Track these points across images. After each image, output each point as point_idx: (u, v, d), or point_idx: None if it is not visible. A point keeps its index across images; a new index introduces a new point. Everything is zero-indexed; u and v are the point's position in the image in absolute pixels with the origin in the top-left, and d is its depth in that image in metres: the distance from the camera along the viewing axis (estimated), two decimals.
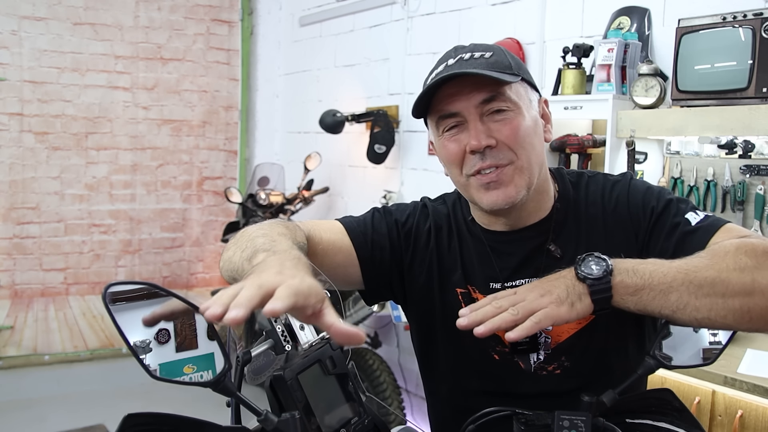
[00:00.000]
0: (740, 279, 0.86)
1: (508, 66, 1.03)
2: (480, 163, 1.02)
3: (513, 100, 1.03)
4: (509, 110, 1.02)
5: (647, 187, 1.10)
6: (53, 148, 4.05)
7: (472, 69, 1.01)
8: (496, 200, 1.03)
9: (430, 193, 1.26)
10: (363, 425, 0.94)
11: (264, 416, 0.81)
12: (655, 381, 1.72)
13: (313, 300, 0.72)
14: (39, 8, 3.94)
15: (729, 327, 0.89)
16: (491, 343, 1.10)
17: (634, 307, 0.88)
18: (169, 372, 0.83)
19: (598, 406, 0.87)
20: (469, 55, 1.04)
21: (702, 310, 0.86)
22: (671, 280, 0.87)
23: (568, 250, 1.08)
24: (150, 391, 1.99)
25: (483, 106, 1.02)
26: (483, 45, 1.07)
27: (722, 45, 1.91)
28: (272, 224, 0.99)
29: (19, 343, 4.06)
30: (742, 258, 0.88)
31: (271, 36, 4.57)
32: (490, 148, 1.01)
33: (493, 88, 1.01)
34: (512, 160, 1.02)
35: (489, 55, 1.04)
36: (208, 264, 4.56)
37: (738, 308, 0.86)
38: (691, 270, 0.88)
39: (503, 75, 1.01)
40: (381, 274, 1.15)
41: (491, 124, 1.02)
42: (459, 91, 1.02)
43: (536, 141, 1.05)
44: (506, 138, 1.02)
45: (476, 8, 3.03)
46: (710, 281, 0.86)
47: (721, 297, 0.86)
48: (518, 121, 1.03)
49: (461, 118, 1.03)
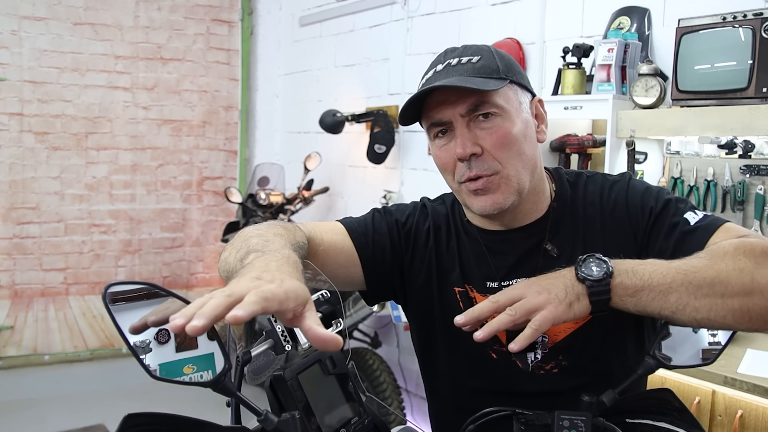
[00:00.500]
0: (739, 279, 0.86)
1: (495, 70, 1.03)
2: (468, 172, 1.03)
3: (500, 105, 1.03)
4: (496, 115, 1.02)
5: (646, 187, 1.10)
6: (53, 148, 4.05)
7: (456, 77, 1.01)
8: (485, 206, 1.04)
9: (430, 193, 1.26)
10: (363, 425, 0.94)
11: (264, 416, 0.81)
12: (655, 381, 1.72)
13: (291, 304, 0.71)
14: (39, 8, 3.94)
15: (729, 327, 0.89)
16: (489, 343, 1.10)
17: (633, 308, 0.88)
18: (169, 372, 0.83)
19: (598, 406, 0.87)
20: (456, 61, 1.04)
21: (701, 310, 0.86)
22: (670, 281, 0.87)
23: (565, 250, 1.08)
24: (150, 391, 1.99)
25: (469, 113, 1.02)
26: (473, 47, 1.07)
27: (722, 45, 1.91)
28: (270, 225, 0.99)
29: (19, 343, 4.06)
30: (740, 258, 0.88)
31: (271, 36, 4.57)
32: (475, 156, 1.02)
33: (479, 96, 1.01)
34: (497, 170, 1.02)
35: (476, 59, 1.03)
36: (208, 264, 4.56)
37: (737, 308, 0.86)
38: (690, 271, 0.88)
39: (488, 82, 1.00)
40: (382, 274, 1.15)
41: (478, 131, 1.02)
42: (446, 99, 1.02)
43: (526, 146, 1.05)
44: (492, 146, 1.02)
45: (476, 8, 3.03)
46: (709, 282, 0.86)
47: (721, 297, 0.86)
48: (505, 127, 1.02)
49: (450, 125, 1.04)
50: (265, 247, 0.87)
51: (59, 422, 3.50)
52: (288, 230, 0.99)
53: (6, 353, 4.01)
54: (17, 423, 3.58)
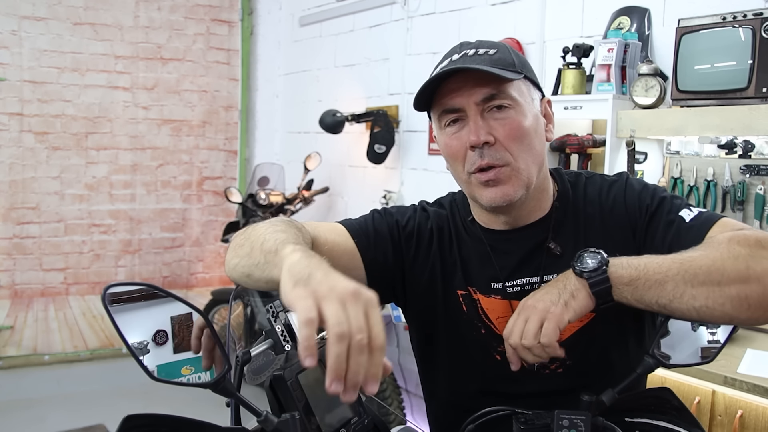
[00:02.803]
0: (735, 266, 0.87)
1: (511, 63, 1.04)
2: (479, 160, 1.02)
3: (514, 98, 1.03)
4: (510, 108, 1.03)
5: (643, 185, 1.10)
6: (53, 148, 4.06)
7: (475, 65, 1.01)
8: (495, 197, 1.03)
9: (430, 193, 1.26)
10: (363, 425, 0.94)
11: (264, 416, 0.81)
12: (655, 380, 1.72)
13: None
14: (39, 8, 3.94)
15: (728, 316, 0.88)
16: (493, 344, 1.10)
17: (631, 298, 0.89)
18: (167, 373, 0.83)
19: (597, 405, 0.87)
20: (473, 51, 1.04)
21: (699, 298, 0.87)
22: (666, 269, 0.88)
23: (568, 248, 1.08)
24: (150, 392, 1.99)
25: (484, 102, 1.02)
26: (488, 42, 1.08)
27: (722, 45, 1.91)
28: (285, 223, 0.98)
29: (19, 343, 4.06)
30: (735, 247, 0.89)
31: (271, 36, 4.57)
32: (488, 145, 1.02)
33: (495, 85, 1.02)
34: (509, 161, 1.03)
35: (493, 52, 1.04)
36: (208, 264, 4.56)
37: (735, 295, 0.86)
38: (686, 260, 0.89)
39: (505, 72, 1.01)
40: (384, 275, 1.15)
41: (491, 122, 1.03)
42: (461, 86, 1.02)
43: (536, 141, 1.06)
44: (504, 137, 1.02)
45: (476, 8, 3.03)
46: (705, 269, 0.87)
47: (717, 285, 0.86)
48: (518, 120, 1.03)
49: (463, 113, 1.04)
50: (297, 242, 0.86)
51: (59, 422, 3.50)
52: (299, 229, 0.99)
53: (6, 353, 4.01)
54: (17, 423, 3.58)
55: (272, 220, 0.99)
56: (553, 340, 0.87)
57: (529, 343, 0.89)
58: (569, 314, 0.88)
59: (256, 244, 0.91)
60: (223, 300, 3.85)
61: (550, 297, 0.90)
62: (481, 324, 1.11)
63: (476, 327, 1.11)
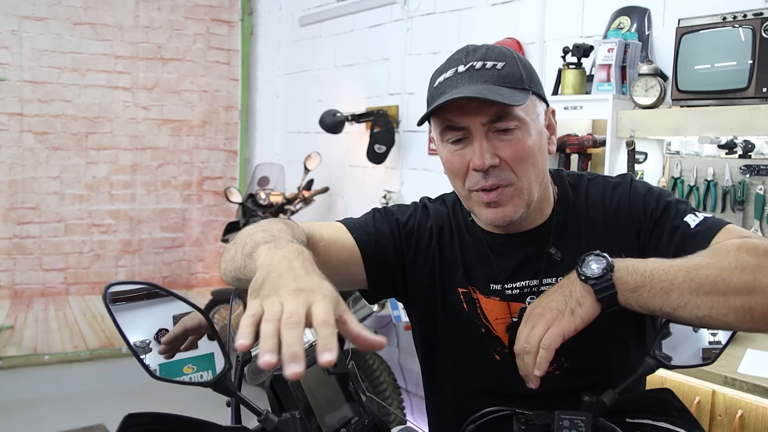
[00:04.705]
0: (742, 277, 0.86)
1: (519, 79, 1.00)
2: (483, 181, 1.01)
3: (521, 118, 1.00)
4: (516, 129, 1.00)
5: (648, 188, 1.09)
6: (53, 148, 4.05)
7: (481, 84, 0.98)
8: (494, 218, 1.03)
9: (430, 193, 1.26)
10: (363, 425, 0.94)
11: (264, 416, 0.81)
12: (655, 381, 1.72)
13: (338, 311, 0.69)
14: (39, 8, 3.94)
15: (730, 326, 0.89)
16: (492, 344, 1.10)
17: (635, 304, 0.88)
18: (169, 372, 0.83)
19: (598, 406, 0.87)
20: (480, 65, 1.00)
21: (703, 308, 0.86)
22: (672, 277, 0.87)
23: (569, 253, 1.08)
24: (150, 391, 1.99)
25: (491, 123, 0.99)
26: (496, 50, 1.03)
27: (722, 45, 1.91)
28: (271, 221, 0.99)
29: (19, 343, 4.06)
30: (743, 257, 0.88)
31: (271, 36, 4.57)
32: (493, 167, 1.00)
33: (503, 108, 0.98)
34: (513, 181, 1.01)
35: (501, 66, 1.00)
36: (208, 264, 4.56)
37: (739, 306, 0.85)
38: (693, 268, 0.88)
39: (514, 94, 0.98)
40: (384, 273, 1.15)
41: (497, 142, 1.00)
42: (467, 104, 0.99)
43: (539, 158, 1.04)
44: (510, 158, 1.00)
45: (476, 8, 3.03)
46: (711, 279, 0.86)
47: (723, 295, 0.86)
48: (524, 140, 1.01)
49: (467, 131, 1.01)
50: (273, 239, 0.86)
51: (59, 422, 3.50)
52: (288, 225, 0.99)
53: (6, 353, 4.01)
54: (17, 423, 3.58)
55: (259, 222, 1.00)
56: (553, 345, 0.87)
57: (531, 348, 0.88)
58: (576, 322, 0.88)
59: (239, 249, 0.92)
60: (223, 300, 3.85)
61: (557, 305, 0.89)
62: (481, 324, 1.11)
63: (476, 326, 1.11)
